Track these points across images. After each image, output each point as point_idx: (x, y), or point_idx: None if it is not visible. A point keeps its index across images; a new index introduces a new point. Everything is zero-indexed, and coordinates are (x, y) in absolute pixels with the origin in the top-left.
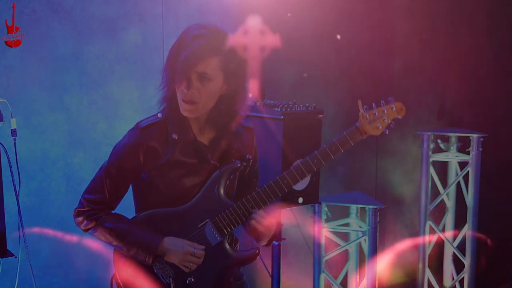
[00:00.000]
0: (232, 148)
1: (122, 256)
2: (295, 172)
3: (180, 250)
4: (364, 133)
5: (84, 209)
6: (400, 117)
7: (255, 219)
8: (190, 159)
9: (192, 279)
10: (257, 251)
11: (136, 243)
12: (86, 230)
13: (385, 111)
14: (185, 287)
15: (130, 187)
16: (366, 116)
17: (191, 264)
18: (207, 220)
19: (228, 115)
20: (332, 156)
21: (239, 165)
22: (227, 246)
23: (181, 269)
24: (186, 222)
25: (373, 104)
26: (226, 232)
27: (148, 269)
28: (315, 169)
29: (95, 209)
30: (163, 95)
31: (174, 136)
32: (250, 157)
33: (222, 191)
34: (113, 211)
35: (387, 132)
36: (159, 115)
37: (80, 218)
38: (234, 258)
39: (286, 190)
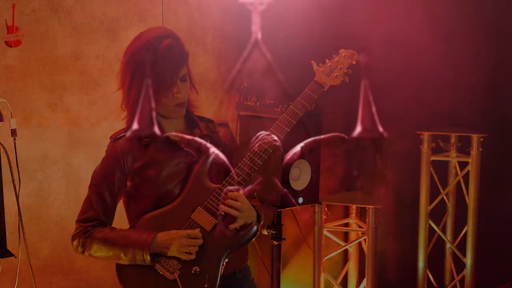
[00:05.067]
0: (206, 137)
1: (126, 271)
2: (269, 138)
3: (175, 236)
4: (324, 85)
5: (78, 230)
6: (354, 62)
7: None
8: (166, 156)
9: (198, 269)
10: (256, 228)
11: (131, 244)
12: (83, 251)
13: (339, 60)
14: (192, 278)
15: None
16: (322, 70)
17: (190, 247)
18: (198, 207)
19: (191, 106)
20: (300, 113)
21: (216, 151)
22: (224, 227)
23: (185, 263)
24: (179, 217)
25: (326, 60)
26: (218, 214)
27: (152, 272)
28: (287, 130)
29: (88, 226)
30: (137, 109)
31: (146, 139)
32: (226, 142)
33: (206, 179)
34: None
35: (347, 80)
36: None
37: (75, 241)
38: (234, 238)
39: (266, 156)
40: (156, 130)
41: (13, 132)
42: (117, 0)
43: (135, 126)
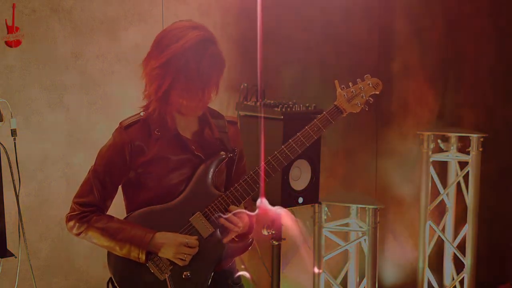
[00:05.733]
0: (216, 139)
1: (116, 258)
2: (280, 156)
3: (173, 242)
4: (343, 111)
5: (75, 213)
6: (377, 92)
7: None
8: (174, 153)
9: (188, 274)
10: (251, 240)
11: (128, 239)
12: (78, 234)
13: (362, 88)
14: (181, 282)
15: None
16: (344, 95)
17: (185, 255)
18: (197, 212)
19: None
20: (315, 136)
21: (224, 155)
22: (220, 236)
23: (176, 264)
24: (176, 217)
25: (350, 84)
26: (217, 223)
27: (143, 269)
28: (299, 151)
29: (86, 211)
30: (159, 99)
31: (157, 132)
32: (235, 148)
33: (210, 183)
34: (104, 213)
35: (366, 109)
36: (142, 113)
37: (71, 223)
38: (228, 248)
39: (273, 174)
40: (171, 125)
41: (13, 132)
42: (117, 0)
43: (151, 117)
